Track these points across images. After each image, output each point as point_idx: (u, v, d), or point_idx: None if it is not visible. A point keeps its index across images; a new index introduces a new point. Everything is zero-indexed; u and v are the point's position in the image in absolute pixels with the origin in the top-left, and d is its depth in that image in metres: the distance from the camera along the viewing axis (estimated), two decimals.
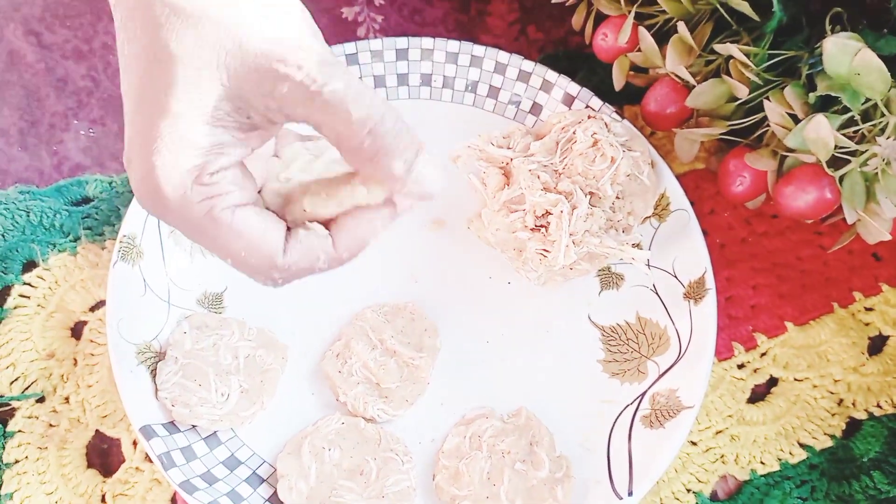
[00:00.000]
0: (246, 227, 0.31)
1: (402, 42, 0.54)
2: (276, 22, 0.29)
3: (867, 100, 0.43)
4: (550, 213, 0.47)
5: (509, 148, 0.51)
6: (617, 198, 0.49)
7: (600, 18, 0.54)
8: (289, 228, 0.33)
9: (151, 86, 0.29)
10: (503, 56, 0.54)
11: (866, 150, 0.44)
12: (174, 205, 0.30)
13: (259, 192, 0.35)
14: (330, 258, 0.33)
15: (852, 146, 0.44)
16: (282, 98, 0.29)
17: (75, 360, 0.49)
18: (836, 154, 0.44)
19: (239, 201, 0.31)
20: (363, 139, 0.30)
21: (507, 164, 0.50)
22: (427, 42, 0.54)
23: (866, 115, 0.44)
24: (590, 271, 0.50)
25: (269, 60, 0.29)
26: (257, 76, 0.29)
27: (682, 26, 0.48)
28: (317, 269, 0.33)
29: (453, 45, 0.54)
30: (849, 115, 0.44)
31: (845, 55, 0.42)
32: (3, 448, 0.47)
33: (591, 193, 0.48)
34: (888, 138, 0.43)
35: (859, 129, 0.44)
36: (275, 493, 0.45)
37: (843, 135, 0.43)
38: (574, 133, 0.49)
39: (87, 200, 0.54)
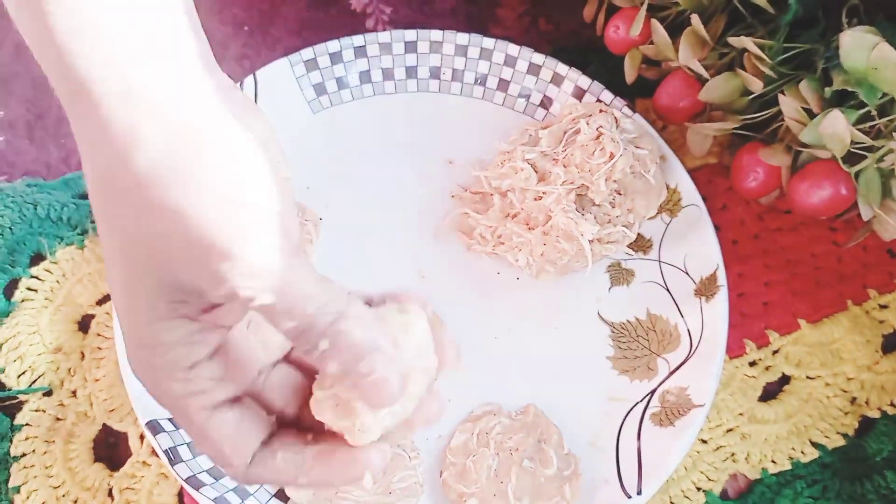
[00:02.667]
0: (217, 435, 0.29)
1: (410, 34, 0.54)
2: (225, 202, 0.25)
3: (884, 94, 0.43)
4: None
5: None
6: (618, 193, 0.49)
7: (612, 10, 0.53)
8: (272, 435, 0.30)
9: (115, 278, 0.27)
10: (513, 49, 0.53)
11: (883, 146, 0.43)
12: (156, 393, 0.29)
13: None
14: (307, 482, 0.30)
15: (868, 142, 0.43)
16: (224, 297, 0.26)
17: (82, 353, 0.49)
18: (852, 150, 0.43)
19: (217, 401, 0.29)
20: (311, 343, 0.27)
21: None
22: (436, 34, 0.54)
23: (883, 110, 0.44)
24: (575, 258, 0.48)
25: (210, 253, 0.25)
26: (197, 268, 0.26)
27: (695, 19, 0.47)
28: (287, 485, 0.31)
29: (463, 37, 0.54)
30: (865, 109, 0.43)
31: (862, 49, 0.41)
32: (11, 441, 0.47)
33: (583, 185, 0.48)
34: None
35: (876, 125, 0.44)
36: (281, 489, 0.44)
37: (860, 130, 0.43)
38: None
39: None
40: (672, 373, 0.47)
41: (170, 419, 0.44)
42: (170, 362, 0.27)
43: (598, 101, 0.52)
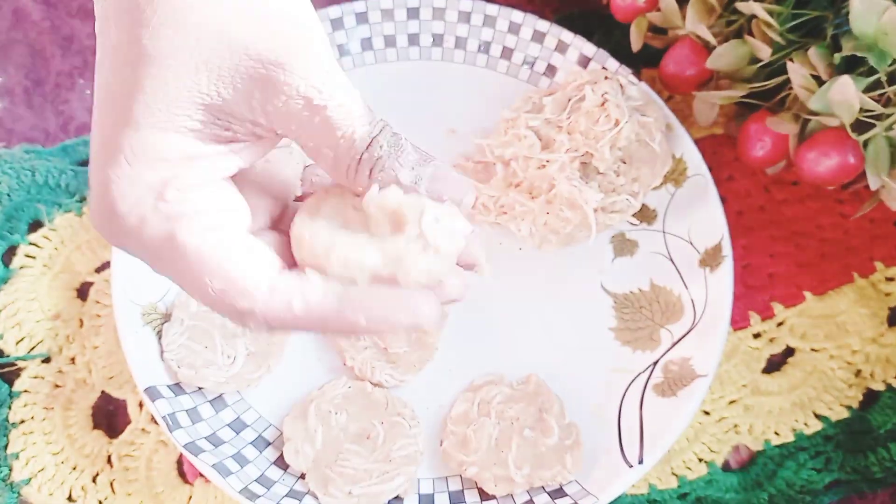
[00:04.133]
0: (216, 256, 0.25)
1: (413, 1, 0.53)
2: (275, 17, 0.25)
3: (894, 61, 0.42)
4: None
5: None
6: (623, 162, 0.48)
7: None
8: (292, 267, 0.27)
9: (119, 90, 0.24)
10: (517, 16, 0.53)
11: (892, 114, 0.42)
12: (130, 226, 0.25)
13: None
14: (352, 315, 0.25)
15: (878, 109, 0.42)
16: (275, 112, 0.25)
17: (81, 321, 0.49)
18: (861, 118, 0.42)
19: (214, 225, 0.25)
20: (362, 155, 0.26)
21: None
22: (439, 1, 0.53)
23: (893, 77, 0.43)
24: (578, 227, 0.47)
25: (266, 66, 0.24)
26: (247, 85, 0.25)
27: None
28: (309, 327, 0.26)
29: (466, 3, 0.53)
30: (875, 76, 0.42)
31: (872, 13, 0.40)
32: (10, 408, 0.47)
33: (587, 153, 0.47)
34: None
35: (885, 92, 0.43)
36: (280, 456, 0.44)
37: (869, 97, 0.42)
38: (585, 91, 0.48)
39: None
40: (675, 343, 0.47)
41: (169, 386, 0.44)
42: (163, 180, 0.24)
43: (603, 69, 0.51)
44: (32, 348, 0.48)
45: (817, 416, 0.47)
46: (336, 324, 0.25)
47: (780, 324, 0.49)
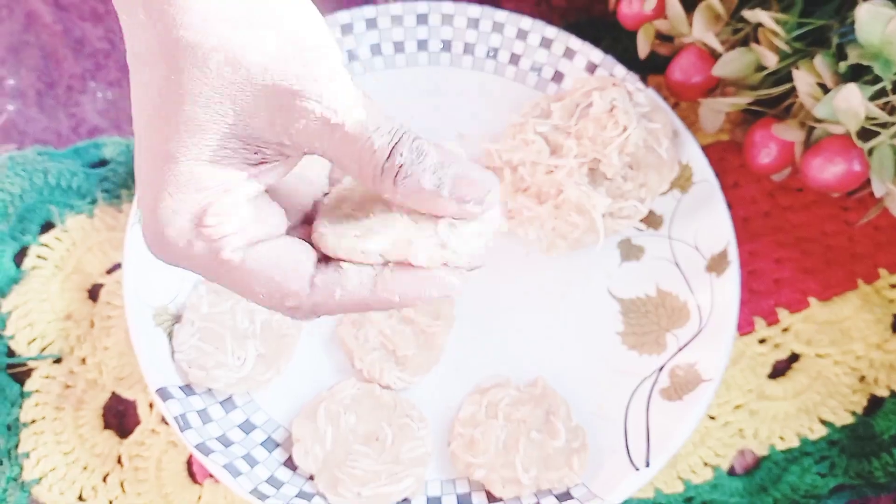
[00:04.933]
0: (260, 266, 0.28)
1: (422, 6, 0.54)
2: (288, 44, 0.27)
3: None
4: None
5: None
6: (630, 168, 0.49)
7: None
8: (327, 260, 0.29)
9: (156, 127, 0.27)
10: (525, 22, 0.53)
11: None
12: (180, 250, 0.28)
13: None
14: (386, 296, 0.28)
15: (884, 117, 0.42)
16: (297, 133, 0.27)
17: (92, 321, 0.49)
18: (866, 125, 0.43)
19: (252, 239, 0.28)
20: (384, 165, 0.27)
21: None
22: (448, 7, 0.53)
23: None
24: (586, 232, 0.48)
25: (283, 94, 0.26)
26: (269, 112, 0.27)
27: None
28: (347, 311, 0.29)
29: (475, 10, 0.53)
30: (880, 85, 0.43)
31: (878, 22, 0.41)
32: (21, 408, 0.47)
33: (595, 159, 0.48)
34: None
35: (890, 101, 0.43)
36: (290, 457, 0.45)
37: (875, 105, 0.42)
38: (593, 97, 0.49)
39: (104, 163, 0.53)
40: (681, 348, 0.47)
41: (179, 387, 0.44)
42: (202, 208, 0.27)
43: (611, 75, 0.52)
44: (44, 349, 0.48)
45: (822, 422, 0.47)
46: (374, 304, 0.28)
47: (785, 329, 0.49)
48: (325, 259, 0.29)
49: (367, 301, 0.28)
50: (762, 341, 0.49)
